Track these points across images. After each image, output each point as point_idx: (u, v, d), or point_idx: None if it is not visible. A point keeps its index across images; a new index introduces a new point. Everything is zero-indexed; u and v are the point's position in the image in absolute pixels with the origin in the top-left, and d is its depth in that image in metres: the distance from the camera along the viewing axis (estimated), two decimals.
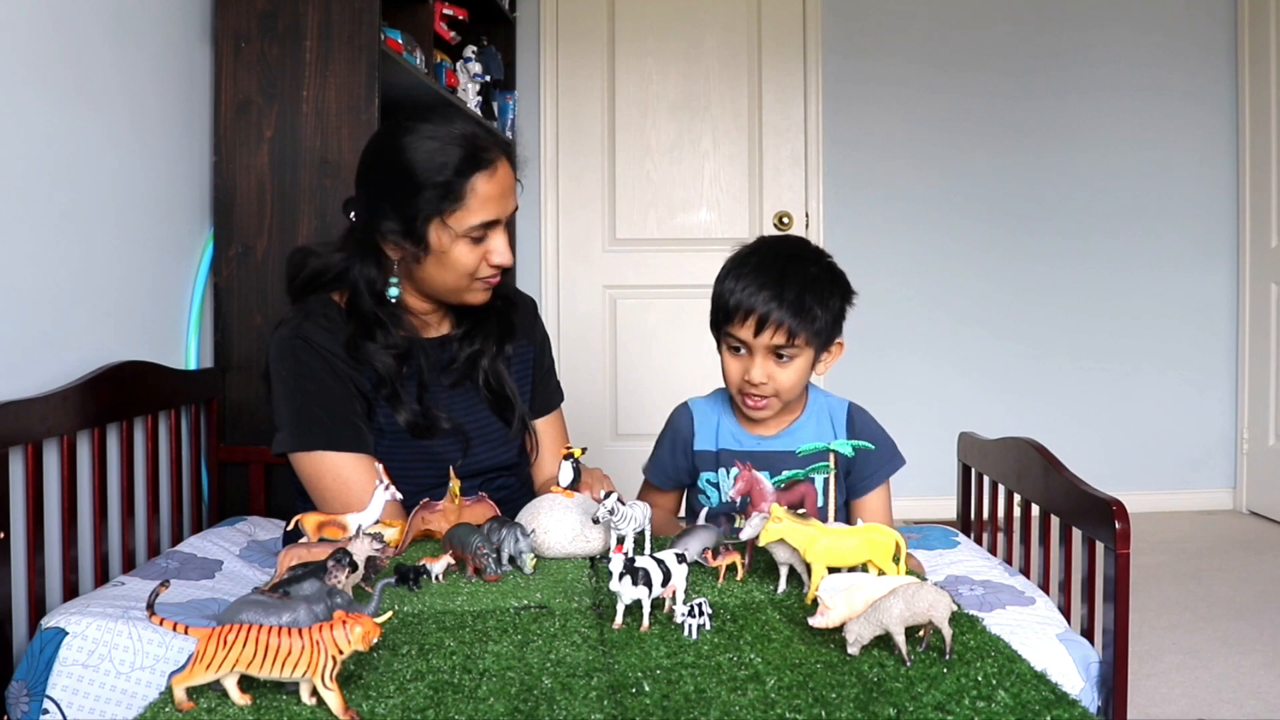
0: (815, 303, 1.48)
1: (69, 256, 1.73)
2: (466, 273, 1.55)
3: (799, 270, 1.51)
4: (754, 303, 1.47)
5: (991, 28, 3.93)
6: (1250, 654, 2.47)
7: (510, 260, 1.57)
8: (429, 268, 1.55)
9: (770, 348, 1.49)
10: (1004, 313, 3.97)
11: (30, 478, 1.51)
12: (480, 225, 1.51)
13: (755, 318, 1.47)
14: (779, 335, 1.47)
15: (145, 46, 1.98)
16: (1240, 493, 3.99)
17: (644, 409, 3.90)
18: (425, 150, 1.50)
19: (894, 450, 1.63)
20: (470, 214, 1.50)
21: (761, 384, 1.50)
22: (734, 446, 1.58)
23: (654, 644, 1.01)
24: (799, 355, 1.50)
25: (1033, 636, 1.43)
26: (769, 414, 1.55)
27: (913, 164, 3.93)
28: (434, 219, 1.50)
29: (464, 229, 1.51)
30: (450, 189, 1.49)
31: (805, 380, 1.55)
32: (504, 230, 1.56)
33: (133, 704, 1.29)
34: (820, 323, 1.49)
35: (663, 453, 1.66)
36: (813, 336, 1.49)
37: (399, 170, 1.51)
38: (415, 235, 1.51)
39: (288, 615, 0.92)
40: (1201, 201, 3.99)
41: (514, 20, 3.75)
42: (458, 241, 1.52)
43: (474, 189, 1.50)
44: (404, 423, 1.56)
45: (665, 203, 3.94)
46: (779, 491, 1.37)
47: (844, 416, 1.62)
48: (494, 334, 1.69)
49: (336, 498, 1.49)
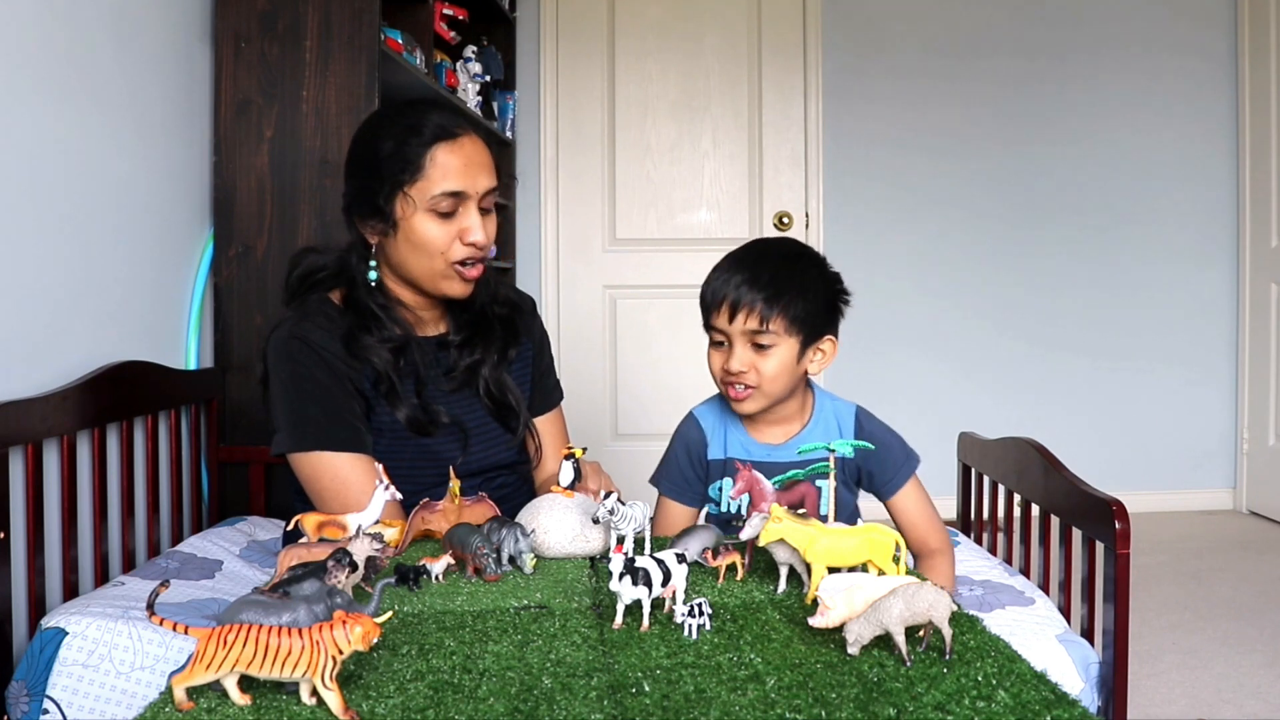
0: (790, 288, 1.47)
1: (69, 256, 1.73)
2: (437, 251, 1.54)
3: (775, 257, 1.51)
4: (727, 289, 1.48)
5: (991, 28, 3.93)
6: (1250, 654, 2.47)
7: (485, 241, 1.56)
8: (401, 248, 1.55)
9: (746, 333, 1.48)
10: (1004, 312, 3.97)
11: (30, 478, 1.52)
12: (443, 195, 1.51)
13: (728, 303, 1.48)
14: (752, 319, 1.46)
15: (145, 46, 1.98)
16: (1240, 493, 3.99)
17: (644, 409, 3.90)
18: (388, 127, 1.54)
19: (908, 450, 1.61)
20: (431, 183, 1.51)
21: (741, 372, 1.49)
22: (742, 456, 1.56)
23: (654, 644, 1.01)
24: (778, 344, 1.48)
25: (1032, 637, 1.43)
26: (754, 408, 1.53)
27: (913, 164, 3.93)
28: (396, 192, 1.51)
29: (426, 199, 1.51)
30: (408, 158, 1.51)
31: (790, 374, 1.51)
32: (477, 210, 1.55)
33: (133, 704, 1.29)
34: (797, 309, 1.47)
35: (679, 466, 1.62)
36: (790, 324, 1.47)
37: (365, 150, 1.55)
38: (381, 212, 1.53)
39: (288, 615, 0.92)
40: (1201, 201, 3.99)
41: (514, 20, 3.75)
42: (421, 214, 1.52)
43: (434, 158, 1.51)
44: (403, 418, 1.56)
45: (665, 203, 3.94)
46: (779, 491, 1.37)
47: (851, 421, 1.59)
48: (495, 342, 1.68)
49: (335, 498, 1.49)
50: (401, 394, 1.56)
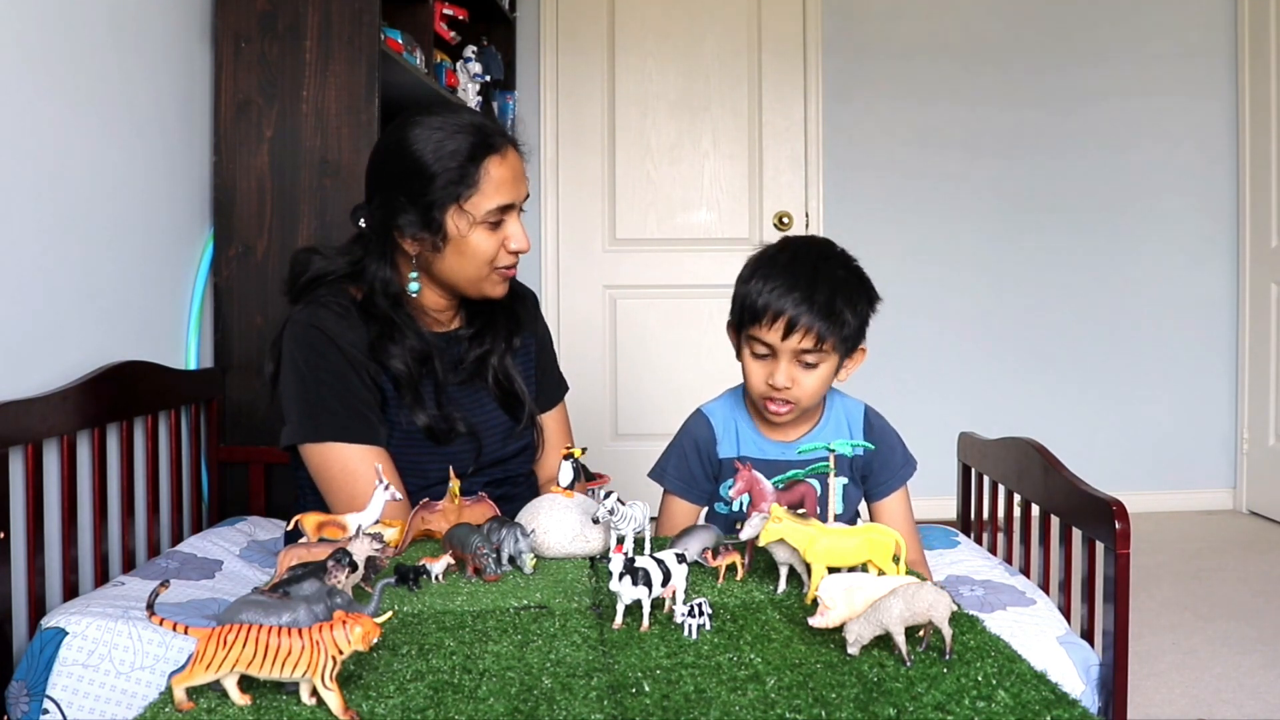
0: (845, 307, 1.45)
1: (69, 256, 1.73)
2: (486, 260, 1.56)
3: (829, 272, 1.47)
4: (783, 305, 1.43)
5: (991, 29, 3.93)
6: (1250, 654, 2.47)
7: (527, 246, 1.59)
8: (449, 258, 1.55)
9: (796, 352, 1.45)
10: (1004, 312, 3.97)
11: (30, 478, 1.51)
12: (497, 209, 1.53)
13: (784, 320, 1.43)
14: (808, 339, 1.43)
15: (145, 46, 1.98)
16: (1240, 493, 3.99)
17: (644, 409, 3.90)
18: (434, 140, 1.52)
19: (907, 455, 1.61)
20: (486, 198, 1.52)
21: (786, 389, 1.46)
22: (755, 454, 1.54)
23: (654, 644, 1.01)
24: (825, 361, 1.47)
25: (1033, 639, 1.43)
26: (789, 419, 1.52)
27: (912, 164, 3.93)
28: (450, 205, 1.52)
29: (481, 213, 1.52)
30: (464, 174, 1.51)
31: (828, 387, 1.52)
32: (519, 216, 1.58)
33: (133, 704, 1.29)
34: (849, 328, 1.46)
35: (686, 463, 1.60)
36: (840, 342, 1.46)
37: (410, 163, 1.52)
38: (433, 225, 1.52)
39: (288, 615, 0.92)
40: (1201, 201, 3.99)
41: (514, 20, 3.75)
42: (475, 228, 1.53)
43: (488, 173, 1.52)
44: (422, 425, 1.56)
45: (665, 203, 3.94)
46: (779, 491, 1.37)
47: (860, 420, 1.59)
48: (502, 331, 1.69)
49: (342, 489, 1.49)
50: (424, 401, 1.57)
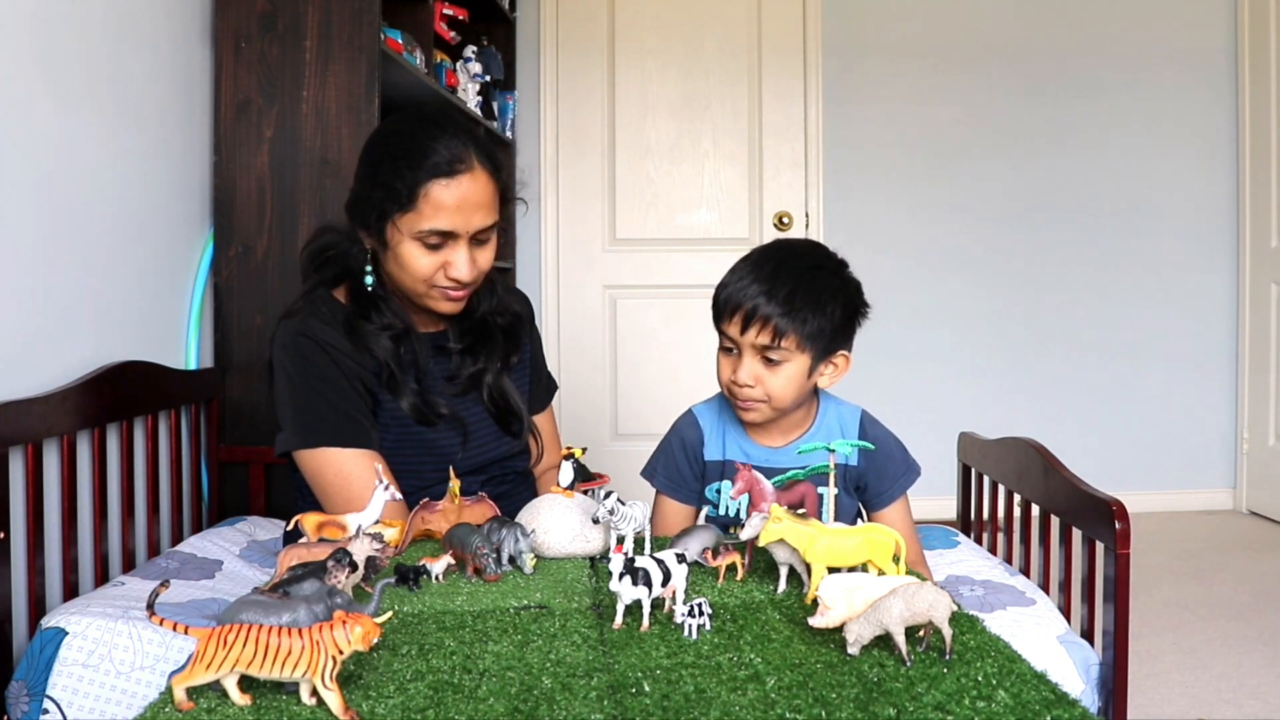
0: (807, 304, 1.41)
1: (69, 256, 1.73)
2: (422, 278, 1.52)
3: (795, 268, 1.44)
4: (742, 298, 1.42)
5: (991, 29, 3.93)
6: (1250, 654, 2.47)
7: (469, 277, 1.52)
8: (389, 263, 1.55)
9: (756, 346, 1.42)
10: (1004, 312, 3.97)
11: (30, 478, 1.52)
12: (431, 231, 1.48)
13: (742, 313, 1.42)
14: (764, 334, 1.41)
15: (145, 46, 1.98)
16: (1240, 493, 3.99)
17: (644, 409, 3.90)
18: (395, 144, 1.50)
19: (909, 463, 1.57)
20: (421, 219, 1.47)
21: (748, 385, 1.44)
22: (740, 458, 1.52)
23: (654, 644, 1.01)
24: (789, 360, 1.43)
25: (1033, 639, 1.43)
26: (759, 419, 1.49)
27: (913, 164, 3.92)
28: (386, 218, 1.49)
29: (413, 231, 1.48)
30: (400, 192, 1.47)
31: (799, 389, 1.47)
32: (466, 246, 1.51)
33: (133, 704, 1.29)
34: (812, 326, 1.42)
35: (674, 462, 1.59)
36: (804, 340, 1.42)
37: (372, 158, 1.53)
38: (373, 228, 1.52)
39: (288, 615, 0.92)
40: (1201, 201, 3.99)
41: (514, 20, 3.75)
42: (408, 242, 1.49)
43: (427, 194, 1.46)
44: (407, 407, 1.56)
45: (665, 203, 3.94)
46: (779, 491, 1.37)
47: (856, 426, 1.56)
48: (498, 351, 1.68)
49: (338, 493, 1.49)
50: (403, 383, 1.56)
